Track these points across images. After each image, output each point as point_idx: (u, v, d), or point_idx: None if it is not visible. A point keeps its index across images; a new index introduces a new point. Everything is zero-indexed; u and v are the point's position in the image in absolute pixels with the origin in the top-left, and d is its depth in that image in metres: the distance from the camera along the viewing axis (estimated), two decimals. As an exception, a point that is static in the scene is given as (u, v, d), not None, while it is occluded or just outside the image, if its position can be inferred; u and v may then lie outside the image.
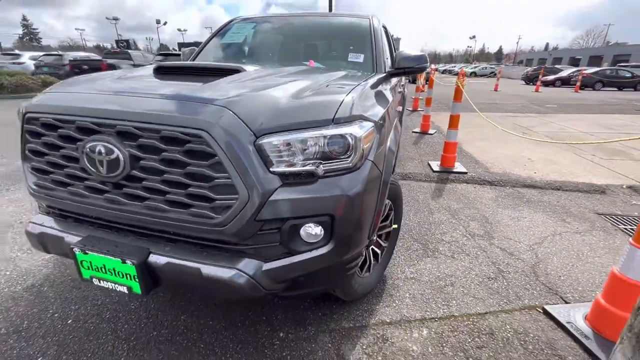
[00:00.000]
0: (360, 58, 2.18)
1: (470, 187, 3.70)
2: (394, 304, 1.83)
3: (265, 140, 1.05)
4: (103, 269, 1.16)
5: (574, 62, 45.34)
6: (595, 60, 42.52)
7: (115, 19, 43.89)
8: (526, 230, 2.73)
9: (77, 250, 1.15)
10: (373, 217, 1.31)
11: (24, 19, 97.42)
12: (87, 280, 1.21)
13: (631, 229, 2.77)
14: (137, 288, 1.13)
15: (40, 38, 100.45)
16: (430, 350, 1.54)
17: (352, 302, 1.81)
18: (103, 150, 1.06)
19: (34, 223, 1.31)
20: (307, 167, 1.09)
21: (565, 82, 21.91)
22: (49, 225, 1.28)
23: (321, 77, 1.51)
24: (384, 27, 2.91)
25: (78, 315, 1.69)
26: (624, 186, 3.75)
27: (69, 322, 1.65)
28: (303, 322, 1.68)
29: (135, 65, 13.80)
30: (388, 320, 1.71)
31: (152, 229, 1.17)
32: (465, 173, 4.05)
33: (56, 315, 1.68)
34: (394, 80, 2.37)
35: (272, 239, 1.13)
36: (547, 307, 1.81)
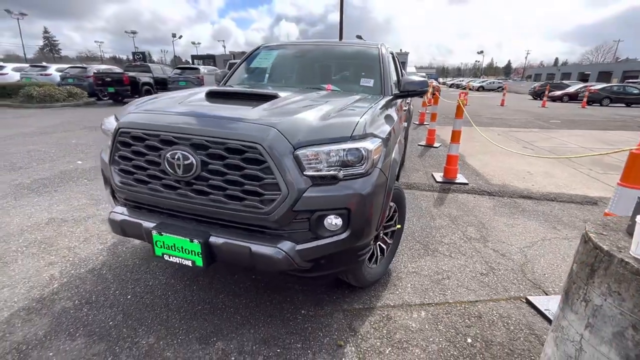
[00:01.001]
0: (371, 83, 2.56)
1: (470, 196, 4.00)
2: (397, 292, 2.15)
3: (300, 151, 1.42)
4: (173, 247, 1.52)
5: (583, 77, 45.44)
6: (604, 76, 42.57)
7: (134, 32, 45.88)
8: (519, 235, 3.02)
9: (155, 233, 1.52)
10: (379, 214, 1.66)
11: (46, 31, 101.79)
12: (159, 256, 1.57)
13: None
14: (199, 262, 1.48)
15: (60, 49, 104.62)
16: (427, 327, 1.85)
17: (361, 289, 2.14)
18: (181, 157, 1.43)
19: (115, 212, 1.68)
20: (331, 172, 1.45)
21: (573, 97, 22.10)
22: (128, 214, 1.65)
23: (340, 101, 1.89)
24: (392, 53, 3.30)
25: (135, 292, 2.05)
26: (616, 199, 4.01)
27: (129, 297, 2.00)
28: (320, 303, 2.01)
29: (154, 78, 14.51)
30: (392, 304, 2.03)
31: (210, 217, 1.53)
32: (467, 184, 4.36)
33: (117, 292, 2.05)
34: (399, 100, 2.74)
35: (303, 226, 1.48)
36: (529, 297, 2.11)
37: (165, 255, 1.55)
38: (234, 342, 1.68)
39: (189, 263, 1.51)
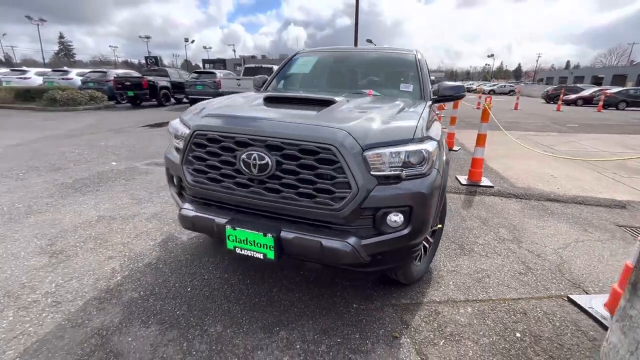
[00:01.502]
0: (410, 88, 2.67)
1: (497, 199, 4.06)
2: (441, 289, 2.23)
3: (368, 153, 1.53)
4: (245, 241, 1.63)
5: (597, 80, 44.80)
6: (619, 79, 41.91)
7: (147, 37, 46.93)
8: (551, 237, 3.08)
9: (228, 227, 1.64)
10: (435, 212, 1.75)
11: (61, 36, 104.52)
12: (230, 250, 1.68)
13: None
14: (271, 255, 1.60)
15: (74, 54, 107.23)
16: (475, 321, 1.93)
17: (406, 285, 2.22)
18: (257, 157, 1.56)
19: (186, 209, 1.81)
20: (395, 172, 1.55)
21: (588, 101, 21.86)
22: (199, 210, 1.77)
23: (393, 106, 2.00)
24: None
25: (194, 285, 2.17)
26: (644, 202, 4.02)
27: (189, 289, 2.13)
28: (370, 297, 2.11)
29: (171, 82, 14.85)
30: (438, 300, 2.12)
31: (279, 213, 1.64)
32: (492, 187, 4.41)
33: (177, 284, 2.17)
34: (435, 105, 2.83)
35: (367, 222, 1.59)
36: (571, 296, 2.17)
37: (237, 249, 1.67)
38: (296, 332, 1.79)
39: (260, 256, 1.62)
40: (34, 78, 16.71)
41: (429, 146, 1.62)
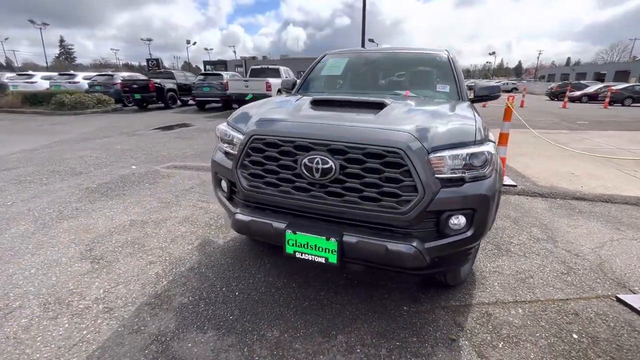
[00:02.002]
0: (447, 88, 2.66)
1: (523, 198, 4.05)
2: (487, 290, 2.22)
3: (433, 155, 1.52)
4: (306, 246, 1.63)
5: (599, 77, 44.64)
6: (621, 75, 41.76)
7: (149, 40, 46.95)
8: (585, 236, 3.06)
9: (289, 232, 1.63)
10: (494, 213, 1.75)
11: (62, 39, 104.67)
12: (289, 254, 1.68)
13: (684, 237, 3.05)
14: (333, 259, 1.59)
15: (75, 57, 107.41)
16: (529, 322, 1.92)
17: (452, 287, 2.22)
18: (320, 161, 1.55)
19: (241, 214, 1.80)
20: (459, 174, 1.55)
21: (593, 98, 21.79)
22: (255, 215, 1.77)
23: (445, 107, 1.99)
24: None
25: (240, 289, 2.17)
26: (671, 200, 4.00)
27: (237, 294, 2.13)
28: (418, 300, 2.10)
29: (177, 84, 14.86)
30: (487, 302, 2.11)
31: (340, 217, 1.64)
32: (515, 186, 4.39)
33: (224, 289, 2.17)
34: None
35: (430, 225, 1.58)
36: (620, 296, 2.16)
37: (296, 253, 1.66)
38: (354, 336, 1.79)
39: (322, 260, 1.62)
40: (40, 82, 16.74)
41: (491, 148, 1.61)
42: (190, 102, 16.25)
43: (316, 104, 2.02)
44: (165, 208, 3.48)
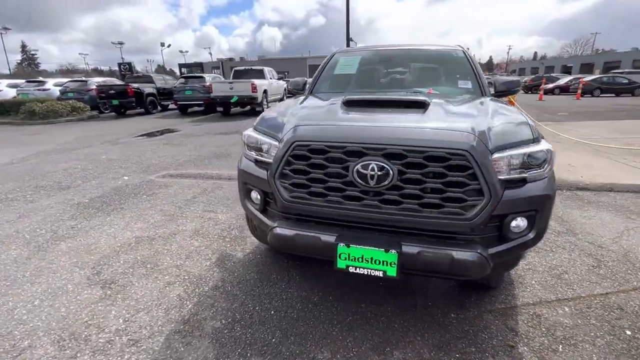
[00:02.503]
0: (469, 84, 2.60)
1: (530, 191, 4.07)
2: (527, 290, 2.17)
3: (495, 156, 1.43)
4: (361, 259, 1.50)
5: (566, 70, 46.86)
6: (586, 67, 44.00)
7: (120, 43, 44.93)
8: (601, 226, 3.09)
9: (341, 245, 1.50)
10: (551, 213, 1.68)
11: (24, 44, 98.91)
12: (341, 269, 1.54)
13: (692, 222, 3.14)
14: (392, 272, 1.47)
15: (39, 63, 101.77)
16: (579, 322, 1.88)
17: (493, 289, 2.15)
18: (375, 167, 1.43)
19: (281, 228, 1.65)
20: (521, 175, 1.47)
21: (564, 89, 22.77)
22: (299, 229, 1.62)
23: (485, 105, 1.92)
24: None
25: (275, 307, 2.01)
26: (668, 186, 4.14)
27: (272, 312, 1.97)
28: (464, 305, 2.02)
29: (157, 88, 14.27)
30: (531, 302, 2.05)
31: (396, 226, 1.52)
32: (520, 179, 4.43)
33: (257, 308, 2.01)
34: None
35: (493, 230, 1.50)
36: (656, 287, 2.16)
37: (349, 268, 1.53)
38: (410, 351, 1.68)
39: (379, 274, 1.50)
40: (5, 90, 15.67)
41: (549, 146, 1.54)
42: (171, 106, 15.69)
43: (351, 104, 1.89)
44: (170, 221, 3.25)
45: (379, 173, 1.43)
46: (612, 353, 1.66)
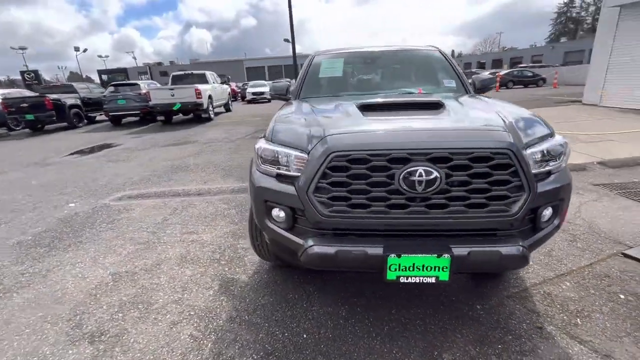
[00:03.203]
0: (453, 83, 2.72)
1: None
2: (529, 271, 2.35)
3: (527, 152, 1.50)
4: (412, 268, 1.46)
5: (480, 65, 52.72)
6: (497, 63, 50.02)
7: (22, 48, 38.43)
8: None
9: (392, 256, 1.44)
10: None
11: None
12: (391, 280, 1.48)
13: (624, 192, 3.72)
14: (445, 276, 1.46)
15: None
16: (583, 294, 2.08)
17: (499, 275, 2.28)
18: (423, 173, 1.39)
19: (319, 246, 1.52)
20: (547, 168, 1.56)
21: (484, 83, 25.53)
22: (341, 244, 1.51)
23: (497, 103, 2.01)
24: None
25: (306, 330, 1.88)
26: (595, 162, 4.87)
27: (305, 336, 1.83)
28: (484, 295, 2.10)
29: (81, 99, 12.62)
30: (537, 282, 2.22)
31: (442, 230, 1.51)
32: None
33: (286, 334, 1.85)
34: None
35: (528, 222, 1.57)
36: (624, 252, 2.50)
37: (400, 278, 1.48)
38: (457, 350, 1.69)
39: (432, 280, 1.47)
40: None
41: (565, 139, 1.67)
42: (99, 118, 14.04)
43: (368, 109, 1.84)
44: (147, 250, 2.86)
45: (427, 178, 1.40)
46: (618, 318, 1.87)
